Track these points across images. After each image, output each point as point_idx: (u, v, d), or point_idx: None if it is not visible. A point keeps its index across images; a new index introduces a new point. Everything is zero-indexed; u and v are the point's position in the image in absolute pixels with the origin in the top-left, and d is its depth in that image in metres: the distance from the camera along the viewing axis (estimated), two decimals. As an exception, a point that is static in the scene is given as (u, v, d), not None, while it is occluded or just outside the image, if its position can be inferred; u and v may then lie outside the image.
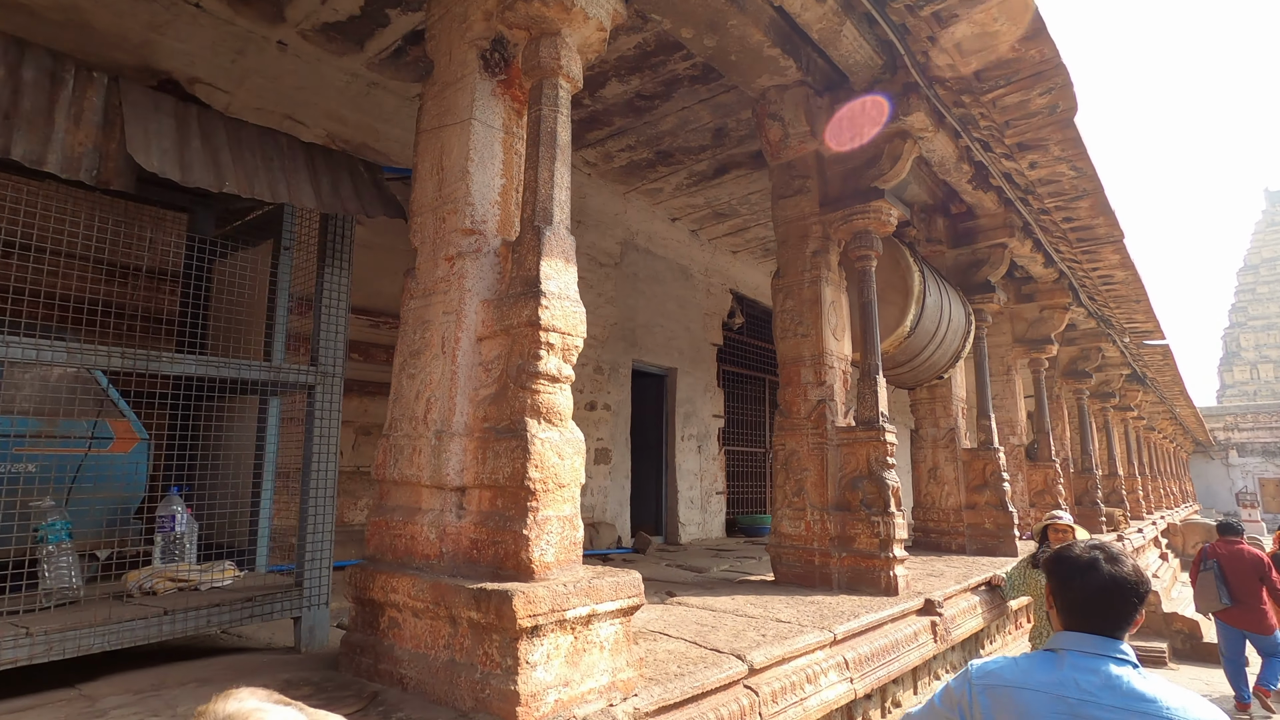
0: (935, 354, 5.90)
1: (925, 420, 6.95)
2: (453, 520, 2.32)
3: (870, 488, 4.40)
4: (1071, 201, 5.84)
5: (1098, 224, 6.26)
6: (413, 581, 2.22)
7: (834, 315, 4.81)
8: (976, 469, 6.66)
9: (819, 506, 4.51)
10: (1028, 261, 7.98)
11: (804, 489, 4.59)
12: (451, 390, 2.40)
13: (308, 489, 2.74)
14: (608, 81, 5.74)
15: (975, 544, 6.54)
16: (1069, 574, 1.46)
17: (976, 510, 6.59)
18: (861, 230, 4.79)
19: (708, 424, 8.94)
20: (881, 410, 4.52)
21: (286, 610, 2.66)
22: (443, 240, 2.60)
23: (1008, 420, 8.96)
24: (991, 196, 6.36)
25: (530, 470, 2.16)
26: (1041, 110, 4.41)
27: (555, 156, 2.48)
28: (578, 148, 6.86)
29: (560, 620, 2.03)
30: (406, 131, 6.01)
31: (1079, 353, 11.53)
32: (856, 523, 4.40)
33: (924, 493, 6.90)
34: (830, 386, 4.67)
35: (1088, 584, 1.42)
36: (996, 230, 6.76)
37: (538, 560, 2.12)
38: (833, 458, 4.57)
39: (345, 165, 2.93)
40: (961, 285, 6.98)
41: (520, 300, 2.35)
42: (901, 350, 5.45)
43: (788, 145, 5.02)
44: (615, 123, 6.40)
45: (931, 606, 4.11)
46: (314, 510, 2.75)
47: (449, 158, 2.66)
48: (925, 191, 6.56)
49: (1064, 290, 8.73)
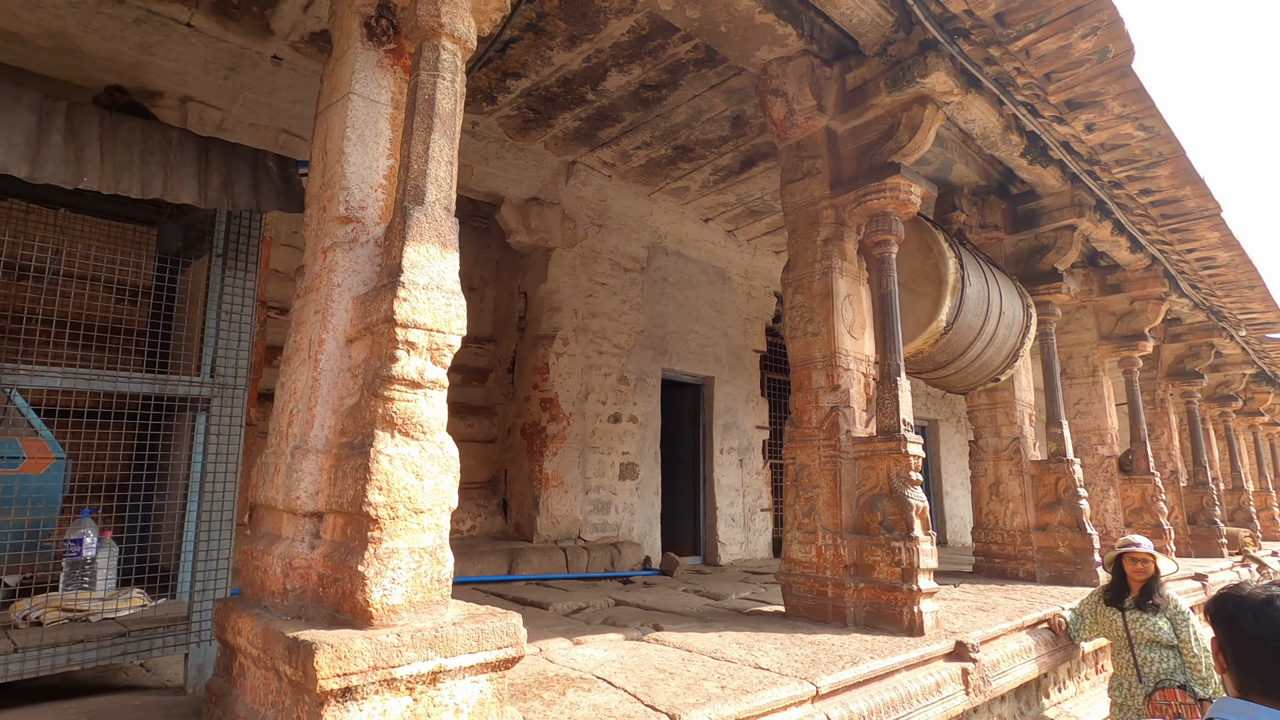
0: (985, 353, 5.16)
1: (985, 429, 6.15)
2: (303, 551, 1.99)
3: (891, 508, 3.79)
4: (1147, 170, 4.97)
5: (1184, 195, 5.33)
6: (252, 623, 1.91)
7: (850, 310, 4.24)
8: (1047, 484, 5.80)
9: (831, 529, 3.93)
10: (1109, 246, 7.00)
11: (815, 509, 4.02)
12: (312, 400, 2.09)
13: (197, 513, 2.50)
14: (607, 73, 5.40)
15: (1047, 571, 5.67)
16: (1242, 621, 1.12)
17: (1048, 532, 5.72)
18: (878, 212, 4.20)
19: (750, 436, 8.36)
20: (904, 418, 3.90)
21: (171, 646, 2.41)
22: (322, 231, 2.30)
23: (1095, 428, 7.91)
24: (1053, 171, 5.55)
25: (370, 493, 1.80)
26: (1088, 57, 3.70)
27: (433, 127, 2.14)
28: (592, 148, 6.56)
29: (388, 680, 1.65)
30: (408, 140, 5.90)
31: (1186, 350, 10.15)
32: (875, 548, 3.79)
33: (985, 511, 6.08)
34: (845, 391, 4.09)
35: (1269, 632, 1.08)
36: (1062, 211, 5.91)
37: (377, 603, 1.76)
38: (848, 473, 3.98)
39: (248, 159, 2.70)
40: (1023, 275, 6.16)
41: (380, 294, 2.01)
42: (940, 349, 4.77)
43: (793, 123, 4.50)
44: (624, 117, 6.05)
45: (964, 650, 3.45)
46: (206, 537, 2.50)
47: (330, 139, 2.38)
48: (975, 171, 5.83)
49: (1157, 278, 7.63)
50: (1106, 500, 7.69)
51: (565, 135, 6.36)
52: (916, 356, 4.75)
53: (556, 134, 6.34)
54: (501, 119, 6.12)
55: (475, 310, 7.37)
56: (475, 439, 6.77)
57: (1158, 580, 3.69)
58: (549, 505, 6.27)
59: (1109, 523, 7.64)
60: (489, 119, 6.11)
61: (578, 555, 6.13)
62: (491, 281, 7.45)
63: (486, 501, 6.51)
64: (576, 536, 6.46)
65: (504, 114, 6.04)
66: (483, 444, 6.80)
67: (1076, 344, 8.23)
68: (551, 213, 6.78)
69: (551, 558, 5.94)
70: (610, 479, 6.81)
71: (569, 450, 6.49)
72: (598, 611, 4.33)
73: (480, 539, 6.26)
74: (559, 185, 6.88)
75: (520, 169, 6.59)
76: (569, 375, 6.63)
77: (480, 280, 7.41)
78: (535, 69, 5.39)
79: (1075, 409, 8.08)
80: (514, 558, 5.70)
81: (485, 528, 6.41)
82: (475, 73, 5.42)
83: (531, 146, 6.58)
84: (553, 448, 6.39)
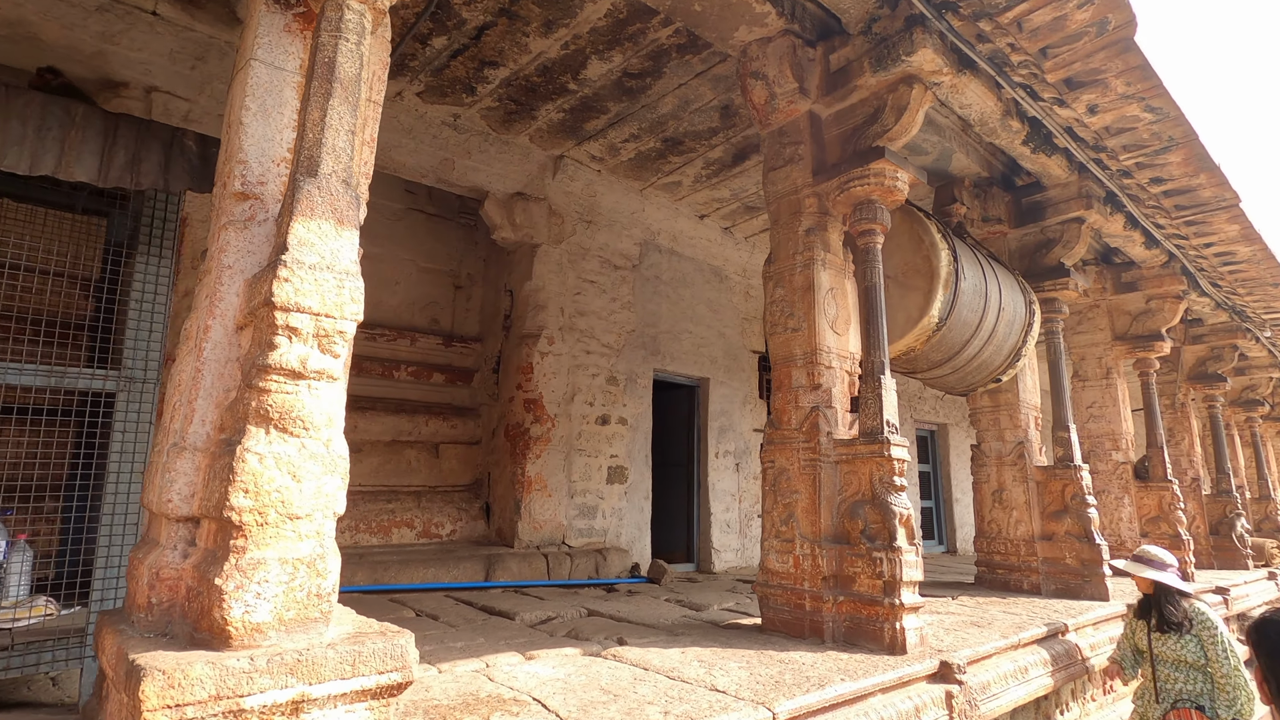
0: (984, 351, 4.87)
1: (988, 432, 5.84)
2: (174, 560, 1.79)
3: (873, 515, 3.53)
4: (1156, 156, 4.66)
5: (1199, 184, 5.00)
6: (112, 639, 1.71)
7: (832, 305, 3.98)
8: (1053, 491, 5.48)
9: (810, 538, 3.67)
10: (1123, 242, 6.66)
11: (794, 515, 3.76)
12: (193, 392, 1.89)
13: (99, 518, 2.31)
14: (587, 61, 5.20)
15: (1053, 583, 5.35)
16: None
17: (1054, 542, 5.40)
18: (863, 200, 3.94)
19: (747, 439, 8.09)
20: (888, 419, 3.64)
21: (62, 661, 2.23)
22: (220, 209, 2.11)
23: (1108, 433, 7.54)
24: (1058, 160, 5.25)
25: (234, 496, 1.60)
26: (1086, 29, 3.42)
27: (331, 92, 1.94)
28: (579, 141, 6.36)
29: (234, 711, 1.44)
30: (381, 133, 5.74)
31: (1208, 352, 9.71)
32: (856, 559, 3.52)
33: (988, 520, 5.77)
34: (827, 391, 3.83)
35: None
36: (1069, 203, 5.60)
37: (237, 621, 1.55)
38: (828, 477, 3.72)
39: (162, 138, 2.52)
40: (1028, 271, 5.85)
41: (263, 275, 1.81)
42: (934, 346, 4.49)
43: (775, 108, 4.26)
44: (609, 108, 5.84)
45: (949, 671, 3.18)
46: (107, 543, 2.31)
47: (232, 111, 2.18)
48: (977, 162, 5.54)
49: (1175, 276, 7.27)
50: (1121, 509, 7.33)
51: (550, 128, 6.17)
52: (909, 355, 4.48)
53: (541, 126, 6.15)
54: (483, 111, 5.94)
55: (462, 309, 7.19)
56: (459, 440, 6.58)
57: (1172, 595, 3.38)
58: (531, 509, 6.06)
59: (1124, 532, 7.28)
60: (470, 111, 5.94)
61: (560, 561, 5.90)
62: (479, 279, 7.27)
63: (469, 505, 6.32)
64: (560, 542, 6.24)
65: (485, 105, 5.86)
66: (466, 445, 6.61)
67: (1090, 345, 7.87)
68: (538, 208, 6.59)
69: (532, 564, 5.72)
70: (597, 483, 6.59)
71: (554, 453, 6.28)
72: (565, 622, 4.10)
73: (460, 544, 6.06)
74: (546, 180, 6.69)
75: (505, 163, 6.41)
76: (554, 375, 6.43)
77: (467, 278, 7.24)
78: (513, 57, 5.20)
79: (1088, 413, 7.73)
80: (492, 564, 5.49)
81: (466, 532, 6.22)
82: (453, 62, 5.24)
83: (516, 140, 6.39)
84: (536, 450, 6.18)
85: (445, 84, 5.56)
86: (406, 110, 5.79)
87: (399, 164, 5.87)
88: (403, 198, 6.93)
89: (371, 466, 5.96)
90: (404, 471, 6.13)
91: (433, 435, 6.39)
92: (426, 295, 6.92)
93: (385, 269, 6.69)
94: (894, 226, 4.44)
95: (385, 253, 6.72)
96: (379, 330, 6.40)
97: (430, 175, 6.06)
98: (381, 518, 5.74)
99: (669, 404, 7.92)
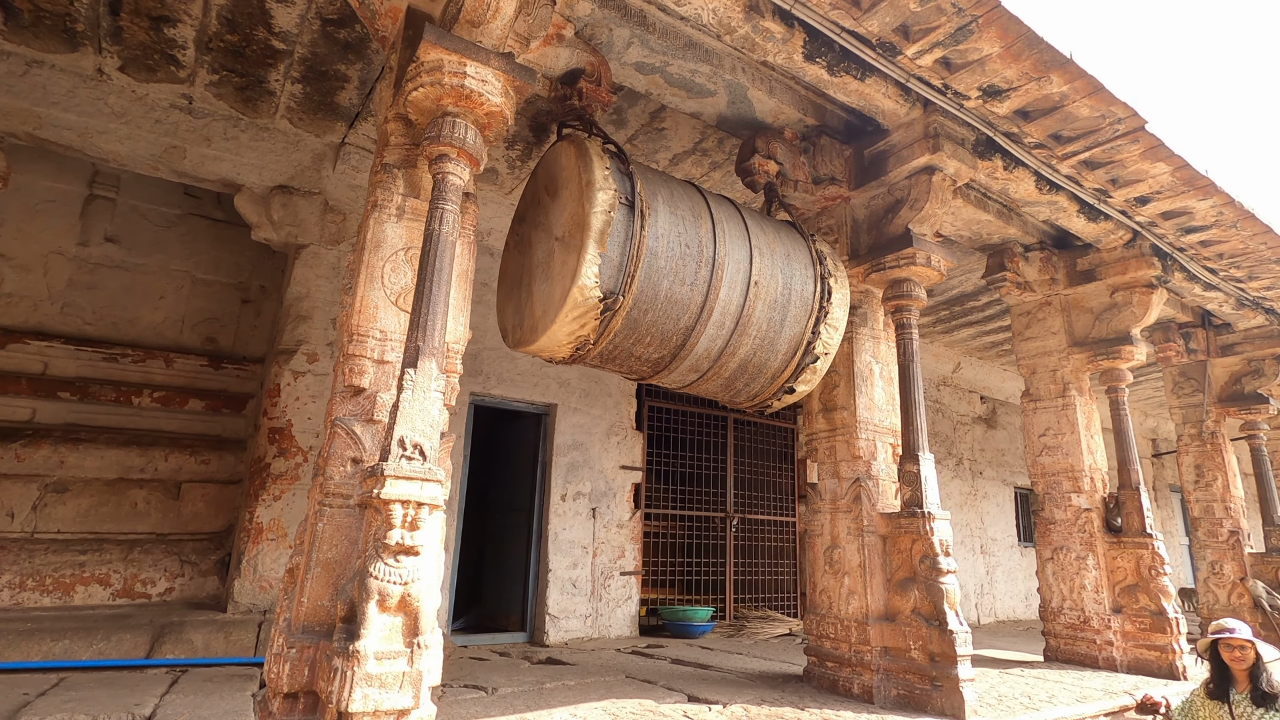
0: (740, 345, 3.39)
1: (823, 466, 4.26)
2: None
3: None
4: (957, 43, 3.13)
5: (1063, 94, 3.38)
6: None
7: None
8: (902, 550, 3.84)
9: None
10: (1049, 210, 5.00)
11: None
12: None
13: None
14: (265, 3, 4.21)
15: (892, 686, 3.67)
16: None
17: (896, 625, 3.74)
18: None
19: (611, 478, 6.66)
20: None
21: None
22: None
23: (1066, 469, 5.69)
24: (875, 82, 3.79)
25: None
26: None
27: None
28: (348, 122, 5.37)
29: None
30: (81, 116, 4.92)
31: (1244, 366, 7.56)
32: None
33: (819, 589, 4.15)
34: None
35: None
36: (912, 147, 4.08)
37: None
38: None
39: None
40: (873, 245, 4.33)
41: None
42: (625, 334, 3.08)
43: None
44: (347, 75, 4.83)
45: None
46: None
47: None
48: (794, 104, 4.13)
49: (1143, 257, 5.46)
50: (1083, 573, 5.42)
51: (300, 106, 5.19)
52: (585, 349, 3.09)
53: (289, 104, 5.18)
54: (210, 88, 5.03)
55: (249, 325, 6.25)
56: (212, 479, 5.54)
57: (1262, 666, 3.17)
58: (257, 564, 4.88)
59: (1088, 606, 5.36)
60: (198, 89, 5.06)
61: (280, 632, 4.67)
62: (272, 293, 6.33)
63: (201, 558, 5.22)
64: (304, 606, 5.01)
65: (206, 81, 4.96)
66: (221, 485, 5.56)
67: (1040, 353, 6.06)
68: (306, 204, 5.61)
69: (233, 636, 4.52)
70: (370, 531, 5.35)
71: (301, 494, 5.12)
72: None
73: (173, 605, 4.95)
74: (324, 172, 5.71)
75: (262, 152, 5.48)
76: (311, 400, 5.31)
77: (259, 291, 6.31)
78: (182, 8, 4.29)
79: (1040, 443, 5.89)
80: (163, 635, 4.34)
81: (191, 591, 5.11)
82: (120, 22, 4.37)
83: (276, 125, 5.46)
84: (275, 490, 5.03)
85: (140, 54, 4.70)
86: (117, 90, 4.98)
87: (107, 152, 5.05)
88: (181, 202, 6.13)
89: (78, 509, 4.99)
90: (125, 516, 5.12)
91: (174, 472, 5.37)
92: (203, 310, 6.02)
93: (147, 281, 5.85)
94: (567, 167, 3.14)
95: (151, 263, 5.90)
96: (121, 350, 5.51)
97: (154, 165, 5.20)
98: (64, 572, 4.72)
99: (511, 436, 6.65)
